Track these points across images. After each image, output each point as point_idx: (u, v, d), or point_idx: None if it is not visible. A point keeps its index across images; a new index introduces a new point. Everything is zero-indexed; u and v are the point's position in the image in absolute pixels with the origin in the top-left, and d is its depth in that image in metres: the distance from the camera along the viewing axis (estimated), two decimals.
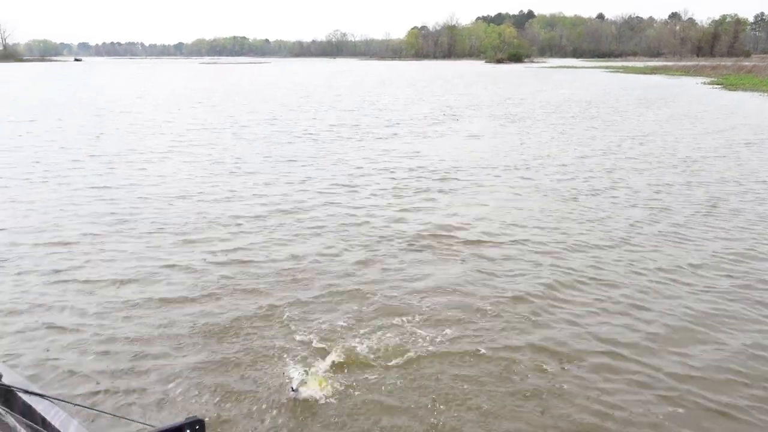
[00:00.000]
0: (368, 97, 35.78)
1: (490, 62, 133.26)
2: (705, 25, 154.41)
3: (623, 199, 10.87)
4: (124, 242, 8.20)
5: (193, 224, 9.04)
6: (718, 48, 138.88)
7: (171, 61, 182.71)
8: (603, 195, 11.23)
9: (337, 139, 18.20)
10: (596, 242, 8.41)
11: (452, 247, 8.11)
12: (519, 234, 8.75)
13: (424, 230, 8.84)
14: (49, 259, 7.50)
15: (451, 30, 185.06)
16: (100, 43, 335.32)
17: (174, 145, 16.84)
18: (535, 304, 6.28)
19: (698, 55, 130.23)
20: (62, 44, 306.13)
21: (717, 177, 12.84)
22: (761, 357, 5.27)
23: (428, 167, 13.70)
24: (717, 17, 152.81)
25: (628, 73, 72.34)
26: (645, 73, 70.68)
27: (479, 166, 13.86)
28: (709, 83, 49.70)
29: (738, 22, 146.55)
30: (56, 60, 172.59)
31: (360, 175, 12.81)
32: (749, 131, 20.26)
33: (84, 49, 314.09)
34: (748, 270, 7.35)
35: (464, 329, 5.65)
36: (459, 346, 5.31)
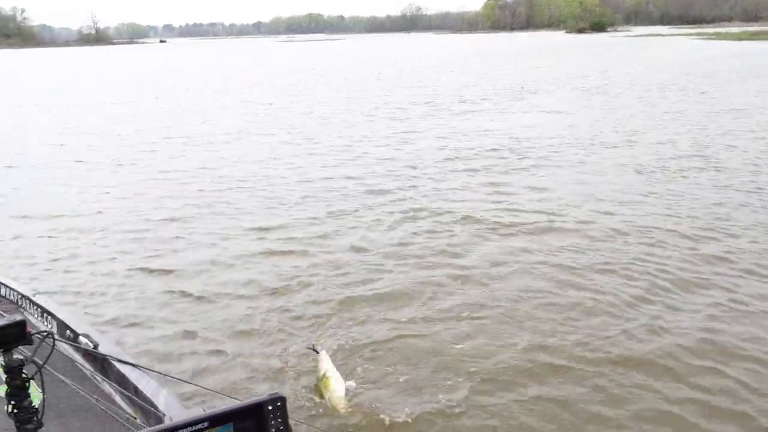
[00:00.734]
0: (446, 74, 35.35)
1: (571, 32, 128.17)
2: None
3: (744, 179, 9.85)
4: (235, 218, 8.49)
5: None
6: None
7: (250, 40, 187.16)
8: (713, 172, 10.38)
9: (414, 117, 18.11)
10: (726, 227, 7.59)
11: (556, 235, 7.55)
12: (625, 218, 8.04)
13: (521, 213, 8.45)
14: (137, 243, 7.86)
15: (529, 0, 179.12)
16: (183, 25, 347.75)
17: (247, 128, 17.29)
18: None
19: None
20: (149, 26, 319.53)
21: None
22: None
23: (512, 145, 13.31)
24: None
25: (723, 40, 67.49)
26: (742, 39, 65.72)
27: (566, 143, 13.32)
28: None
29: None
30: (143, 42, 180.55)
31: (443, 159, 12.58)
32: None
33: (168, 31, 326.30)
34: None
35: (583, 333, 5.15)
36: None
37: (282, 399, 1.48)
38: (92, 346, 2.73)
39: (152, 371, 2.60)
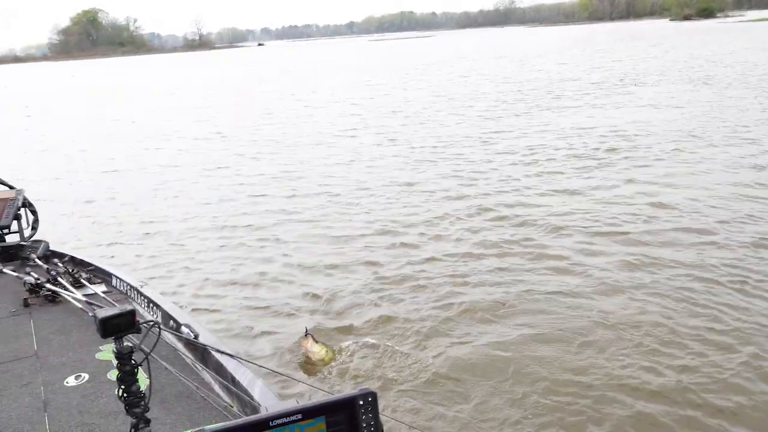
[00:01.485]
0: (543, 67, 34.45)
1: (676, 20, 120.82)
2: None
3: None
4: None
5: None
6: None
7: (343, 40, 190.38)
8: None
9: (507, 115, 17.78)
10: None
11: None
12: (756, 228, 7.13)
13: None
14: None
15: None
16: (279, 27, 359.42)
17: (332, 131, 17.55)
18: None
19: None
20: (247, 30, 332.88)
21: None
22: None
23: (616, 144, 12.64)
24: None
25: None
26: None
27: (680, 140, 12.38)
28: None
29: None
30: (242, 46, 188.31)
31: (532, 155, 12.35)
32: None
33: (266, 34, 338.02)
34: None
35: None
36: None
37: (373, 394, 1.49)
38: (193, 336, 2.83)
39: (248, 362, 2.69)
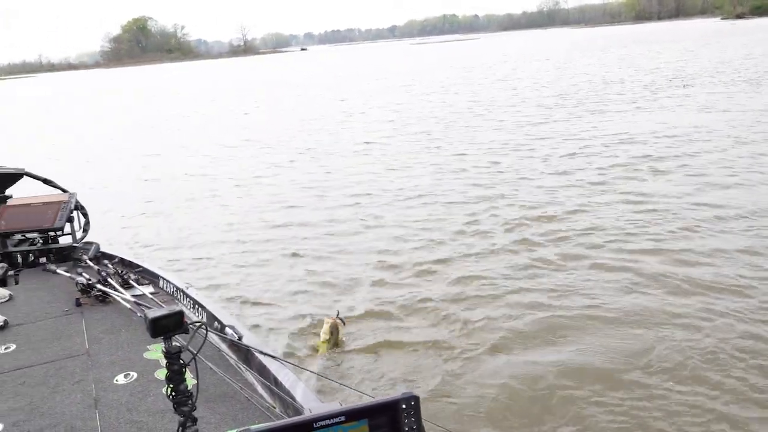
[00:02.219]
0: (589, 69, 33.87)
1: (728, 18, 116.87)
2: None
3: None
4: None
5: None
6: None
7: (386, 44, 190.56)
8: None
9: (549, 120, 17.55)
10: None
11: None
12: None
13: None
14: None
15: None
16: (322, 32, 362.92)
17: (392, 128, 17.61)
18: None
19: None
20: (291, 35, 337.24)
21: None
22: None
23: (660, 152, 12.27)
24: None
25: None
26: None
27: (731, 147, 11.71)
28: None
29: None
30: (285, 51, 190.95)
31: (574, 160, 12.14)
32: None
33: (309, 39, 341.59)
34: None
35: None
36: None
37: (416, 398, 1.50)
38: (237, 338, 2.88)
39: (291, 363, 2.73)
